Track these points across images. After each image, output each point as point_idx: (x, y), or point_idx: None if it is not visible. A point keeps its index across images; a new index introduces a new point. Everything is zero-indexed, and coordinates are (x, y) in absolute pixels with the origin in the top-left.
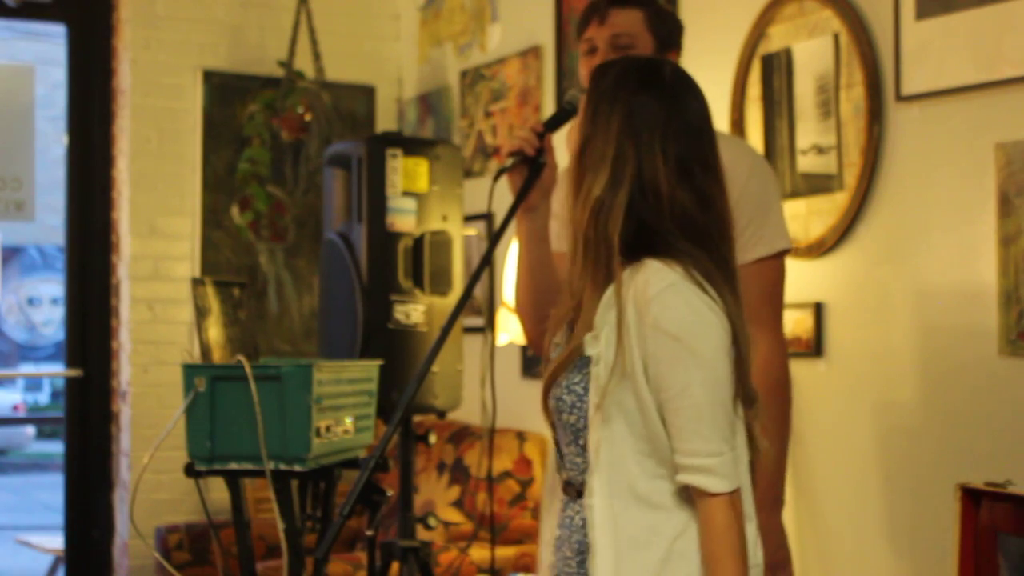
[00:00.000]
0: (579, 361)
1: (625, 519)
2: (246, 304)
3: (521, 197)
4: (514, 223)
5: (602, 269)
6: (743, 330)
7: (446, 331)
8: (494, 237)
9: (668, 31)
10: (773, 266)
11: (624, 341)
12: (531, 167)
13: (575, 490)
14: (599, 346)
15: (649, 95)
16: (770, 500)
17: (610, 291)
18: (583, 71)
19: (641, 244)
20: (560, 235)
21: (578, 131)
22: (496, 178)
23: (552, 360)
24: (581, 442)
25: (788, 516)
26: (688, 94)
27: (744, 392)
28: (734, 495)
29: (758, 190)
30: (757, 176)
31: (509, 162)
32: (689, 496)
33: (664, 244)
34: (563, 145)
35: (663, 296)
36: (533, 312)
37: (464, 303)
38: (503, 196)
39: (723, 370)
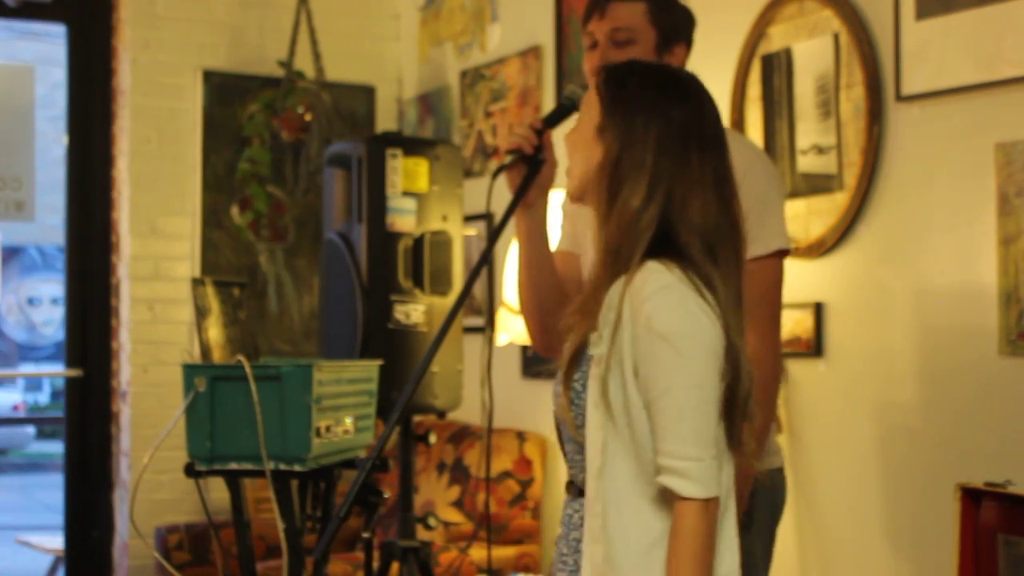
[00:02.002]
0: (581, 357)
1: (615, 518)
2: (246, 304)
3: (520, 194)
4: (513, 221)
5: (620, 275)
6: (740, 341)
7: (444, 330)
8: (493, 235)
9: (672, 24)
10: (769, 266)
11: (616, 340)
12: (530, 164)
13: (576, 488)
14: (602, 345)
15: (681, 107)
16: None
17: (612, 291)
18: (586, 65)
19: (657, 251)
20: (574, 236)
21: (596, 131)
22: (495, 176)
23: (561, 359)
24: (580, 439)
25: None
26: (708, 102)
27: (738, 403)
28: (710, 503)
29: (756, 187)
30: (755, 173)
31: (508, 159)
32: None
33: (676, 251)
34: (563, 142)
35: (657, 296)
36: (536, 311)
37: (462, 302)
38: (501, 195)
39: (709, 376)
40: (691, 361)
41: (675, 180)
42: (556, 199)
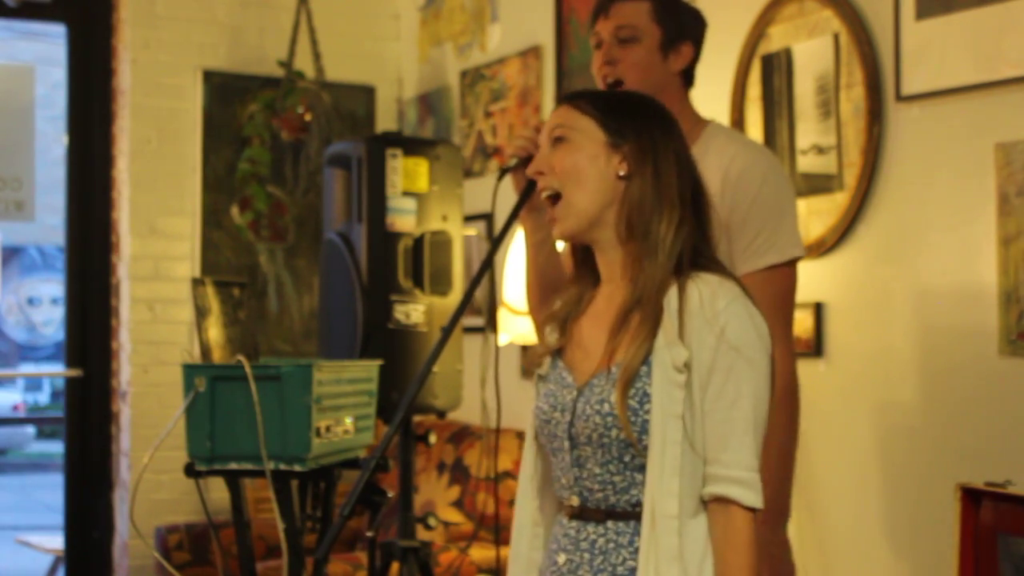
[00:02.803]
0: (636, 374)
1: (685, 535)
2: (246, 304)
3: (524, 198)
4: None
5: (658, 283)
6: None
7: (447, 333)
8: (496, 239)
9: (677, 24)
10: (784, 274)
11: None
12: None
13: (601, 513)
14: (679, 351)
15: (676, 124)
16: (775, 512)
17: (670, 302)
18: (594, 65)
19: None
20: None
21: (606, 148)
22: (499, 179)
23: (617, 373)
24: (627, 458)
25: None
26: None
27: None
28: (757, 514)
29: (772, 196)
30: (772, 182)
31: (513, 163)
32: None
33: (705, 262)
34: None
35: (732, 308)
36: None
37: (465, 306)
38: (507, 196)
39: (768, 388)
40: (759, 372)
41: (695, 196)
42: None
